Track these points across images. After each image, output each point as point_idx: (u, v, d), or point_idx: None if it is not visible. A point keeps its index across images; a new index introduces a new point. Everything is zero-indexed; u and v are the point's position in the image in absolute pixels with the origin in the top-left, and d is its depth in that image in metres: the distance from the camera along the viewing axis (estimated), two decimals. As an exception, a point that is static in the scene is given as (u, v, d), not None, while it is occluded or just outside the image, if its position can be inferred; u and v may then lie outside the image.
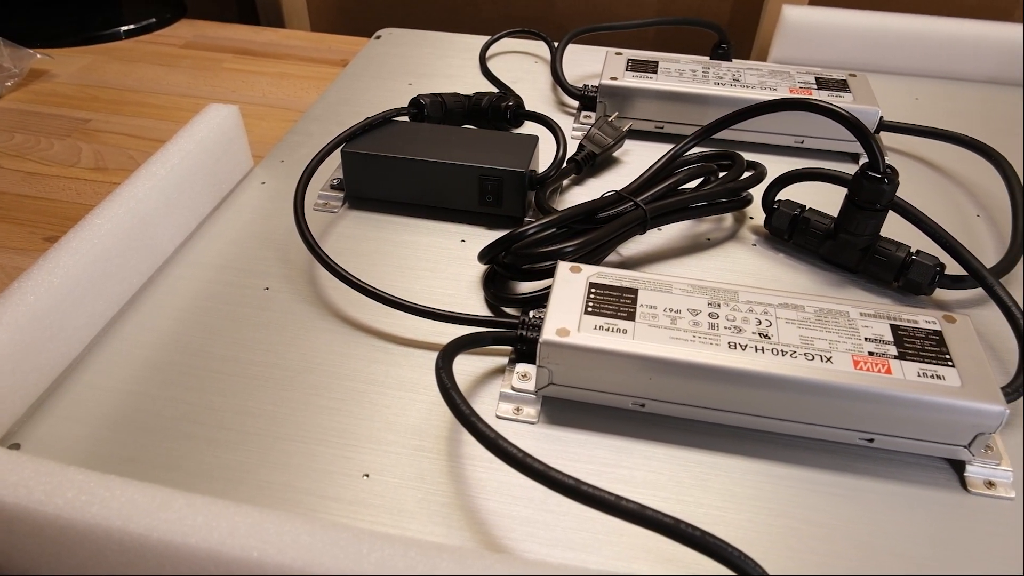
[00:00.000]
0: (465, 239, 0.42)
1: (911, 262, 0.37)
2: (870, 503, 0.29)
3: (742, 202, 0.42)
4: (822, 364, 0.29)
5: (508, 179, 0.41)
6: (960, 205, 0.46)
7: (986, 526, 0.28)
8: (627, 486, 0.29)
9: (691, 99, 0.48)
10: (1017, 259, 0.39)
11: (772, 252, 0.41)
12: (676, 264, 0.40)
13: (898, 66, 0.60)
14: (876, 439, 0.30)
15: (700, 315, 0.31)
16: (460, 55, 0.61)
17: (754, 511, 0.29)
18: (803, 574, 0.27)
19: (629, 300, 0.32)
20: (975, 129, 0.52)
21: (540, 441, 0.31)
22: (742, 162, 0.42)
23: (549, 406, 0.32)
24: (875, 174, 0.36)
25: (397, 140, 0.43)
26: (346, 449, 0.31)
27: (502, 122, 0.47)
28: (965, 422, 0.29)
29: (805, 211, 0.40)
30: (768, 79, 0.49)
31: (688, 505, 0.29)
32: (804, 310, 0.31)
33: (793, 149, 0.49)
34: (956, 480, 0.30)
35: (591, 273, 0.33)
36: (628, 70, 0.50)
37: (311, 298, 0.38)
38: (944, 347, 0.30)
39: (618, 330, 0.30)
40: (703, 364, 0.29)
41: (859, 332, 0.30)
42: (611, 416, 0.32)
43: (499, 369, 0.34)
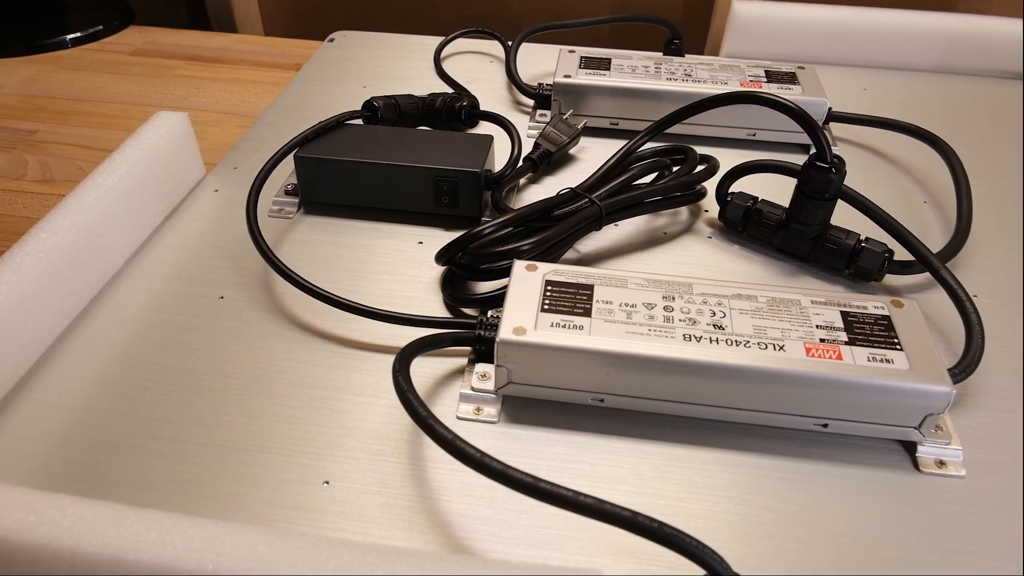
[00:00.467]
0: (423, 241, 0.41)
1: (860, 249, 0.38)
2: (826, 487, 0.30)
3: (696, 195, 0.42)
4: (775, 352, 0.29)
5: (463, 179, 0.41)
6: (908, 192, 0.47)
7: (938, 504, 0.29)
8: (588, 481, 0.29)
9: (644, 95, 0.48)
10: (962, 243, 0.40)
11: (727, 244, 0.42)
12: (634, 259, 0.41)
13: (847, 58, 0.61)
14: (830, 424, 0.30)
15: (655, 309, 0.31)
16: (415, 56, 0.61)
17: (713, 500, 0.29)
18: (760, 558, 0.27)
19: (585, 296, 0.32)
20: (921, 117, 0.53)
21: (501, 440, 0.31)
22: (695, 156, 0.42)
23: (509, 405, 0.32)
24: (823, 164, 0.37)
25: (351, 143, 0.43)
26: (306, 457, 0.30)
27: (457, 122, 0.47)
28: (914, 404, 0.29)
29: (758, 203, 0.41)
30: (719, 73, 0.50)
31: (649, 497, 0.29)
32: (757, 300, 0.32)
33: (746, 142, 0.50)
34: (908, 461, 0.31)
35: (547, 271, 0.33)
36: (581, 67, 0.50)
37: (267, 306, 0.37)
38: (893, 331, 0.31)
39: (574, 327, 0.30)
40: (659, 357, 0.29)
41: (811, 320, 0.31)
42: (571, 412, 0.32)
43: (460, 370, 0.34)
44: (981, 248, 0.42)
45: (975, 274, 0.40)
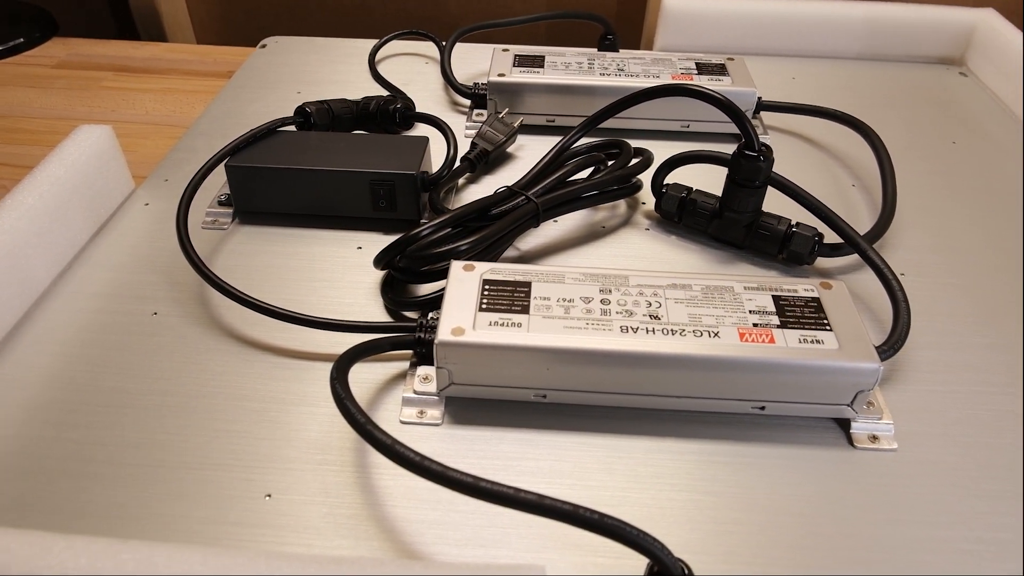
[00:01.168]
0: (362, 246, 0.41)
1: (792, 234, 0.39)
2: (765, 468, 0.30)
3: (632, 188, 0.43)
4: (710, 339, 0.30)
5: (400, 182, 0.40)
6: (837, 176, 0.48)
7: (873, 478, 0.30)
8: (534, 477, 0.30)
9: (578, 91, 0.48)
10: (887, 224, 0.41)
11: (664, 235, 0.42)
12: (574, 254, 0.41)
13: (776, 48, 0.63)
14: (767, 406, 0.31)
15: (592, 302, 0.31)
16: (349, 60, 0.60)
17: (657, 488, 0.29)
18: (703, 542, 0.27)
19: (523, 294, 0.32)
20: (847, 103, 0.55)
21: (446, 442, 0.31)
22: (629, 150, 0.43)
23: (453, 406, 0.32)
24: (751, 153, 0.37)
25: (284, 151, 0.42)
26: (246, 471, 0.30)
27: (391, 125, 0.47)
28: (845, 382, 0.30)
29: (692, 193, 0.41)
30: (651, 67, 0.50)
31: (594, 489, 0.29)
32: (692, 289, 0.32)
33: (680, 133, 0.51)
34: (844, 438, 0.32)
35: (484, 270, 0.33)
36: (515, 66, 0.50)
37: (203, 320, 0.36)
38: (822, 312, 0.31)
39: (513, 324, 0.30)
40: (597, 350, 0.30)
41: (744, 305, 0.32)
42: (514, 410, 0.32)
43: (403, 374, 0.34)
44: (907, 228, 0.43)
45: (902, 253, 0.42)
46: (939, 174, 0.48)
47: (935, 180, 0.48)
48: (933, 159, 0.50)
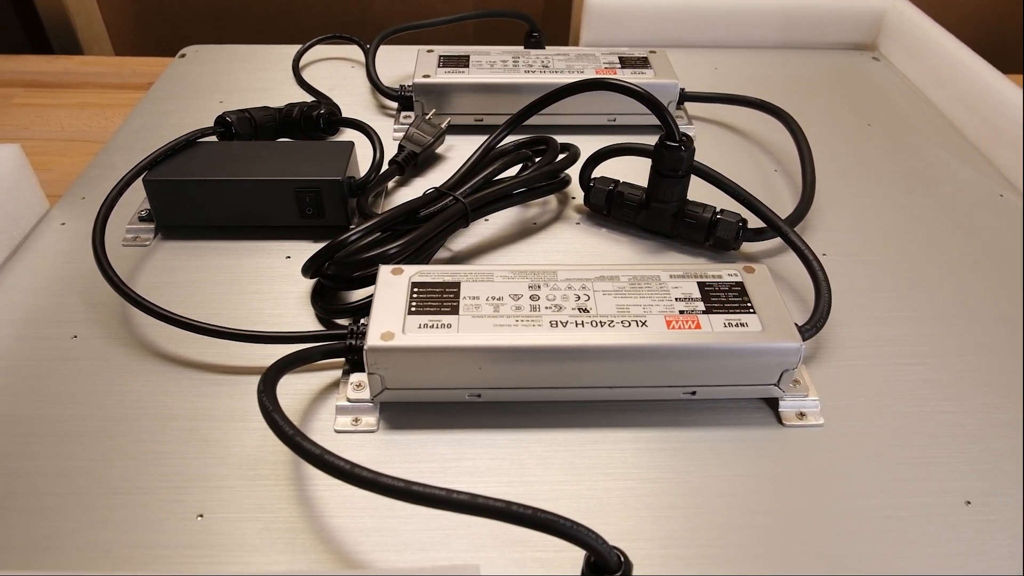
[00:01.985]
0: (290, 255, 0.40)
1: (716, 221, 0.40)
2: (699, 451, 0.31)
3: (561, 184, 0.43)
4: (638, 329, 0.30)
5: (326, 188, 0.40)
6: (760, 162, 0.49)
7: (801, 454, 0.31)
8: (471, 477, 0.30)
9: (503, 89, 0.49)
10: (808, 207, 0.42)
11: (595, 228, 0.43)
12: (506, 252, 0.41)
13: (699, 39, 0.64)
14: (697, 391, 0.32)
15: (522, 299, 0.32)
16: (273, 67, 0.59)
17: (594, 479, 0.30)
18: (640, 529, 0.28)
19: (452, 294, 0.32)
20: (768, 91, 0.56)
21: (382, 448, 0.31)
22: (556, 145, 0.43)
23: (388, 411, 0.32)
24: (672, 143, 0.38)
25: (205, 162, 0.41)
26: (177, 492, 0.29)
27: (316, 131, 0.46)
28: (769, 362, 0.31)
29: (619, 185, 0.42)
30: (575, 63, 0.51)
31: (532, 485, 0.29)
32: (619, 280, 0.33)
33: (608, 127, 0.51)
34: (773, 417, 0.32)
35: (413, 273, 0.33)
36: (440, 66, 0.50)
37: (126, 340, 0.35)
38: (746, 296, 0.32)
39: (443, 325, 0.30)
40: (527, 346, 0.30)
41: (670, 293, 0.32)
42: (450, 411, 0.32)
43: (337, 383, 0.33)
44: (827, 209, 0.45)
45: (823, 233, 0.43)
46: (856, 155, 0.50)
47: (853, 161, 0.49)
48: (851, 142, 0.51)
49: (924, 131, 0.53)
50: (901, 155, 0.50)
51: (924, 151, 0.51)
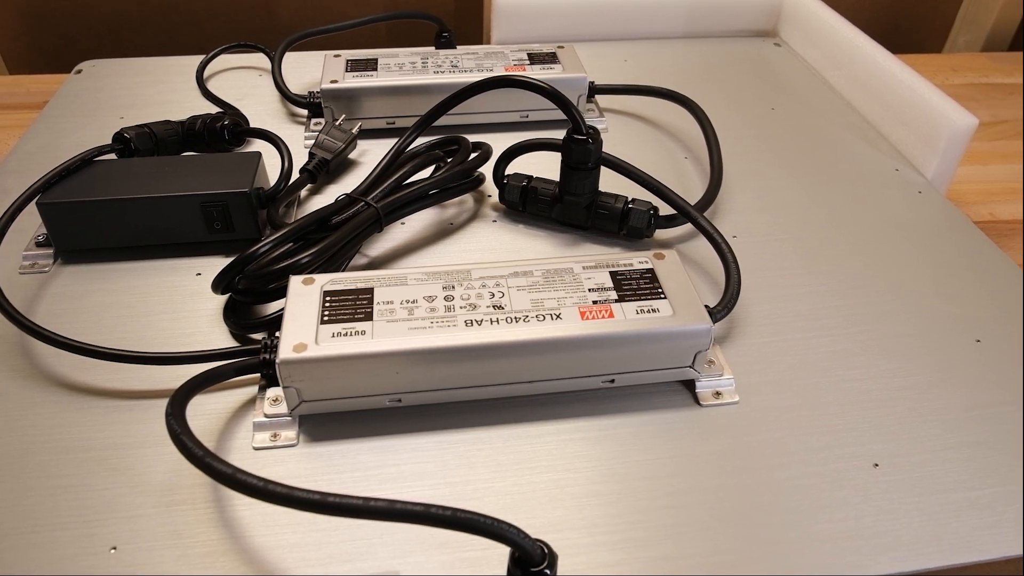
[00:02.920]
0: (201, 272, 0.39)
1: (628, 211, 0.40)
2: (620, 438, 0.31)
3: (475, 182, 0.43)
4: (553, 322, 0.31)
5: (233, 201, 0.39)
6: (671, 150, 0.50)
7: (719, 432, 0.32)
8: (395, 483, 0.29)
9: (413, 91, 0.48)
10: (716, 191, 0.44)
11: (511, 225, 0.43)
12: (425, 254, 0.41)
13: (608, 33, 0.65)
14: (616, 379, 0.32)
15: (436, 300, 0.31)
16: (176, 79, 0.57)
17: (519, 474, 0.30)
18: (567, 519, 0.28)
19: (365, 300, 0.31)
20: (676, 80, 0.58)
21: (303, 462, 0.30)
22: (467, 145, 0.43)
23: (308, 424, 0.31)
24: (579, 136, 0.39)
25: (104, 181, 0.39)
26: (88, 526, 0.28)
27: (222, 143, 0.45)
28: (682, 345, 0.32)
29: (532, 181, 0.42)
30: (484, 61, 0.51)
31: (456, 486, 0.29)
32: (533, 275, 0.33)
33: (520, 124, 0.51)
34: (691, 398, 0.33)
35: (325, 281, 0.32)
36: (348, 71, 0.49)
37: (27, 372, 0.34)
38: (657, 282, 0.33)
39: (357, 332, 0.30)
40: (443, 347, 0.30)
41: (583, 285, 0.33)
42: (372, 418, 0.32)
43: (255, 400, 0.32)
44: (736, 192, 0.46)
45: (733, 216, 0.44)
46: (762, 139, 0.52)
47: (759, 145, 0.51)
48: (756, 126, 0.53)
49: (824, 112, 0.55)
50: (803, 136, 0.52)
51: (825, 131, 0.53)
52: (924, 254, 0.42)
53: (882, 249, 0.42)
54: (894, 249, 0.42)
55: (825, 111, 0.55)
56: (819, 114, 0.55)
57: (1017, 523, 0.29)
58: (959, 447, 0.32)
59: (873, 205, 0.45)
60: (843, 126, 0.53)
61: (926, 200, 0.46)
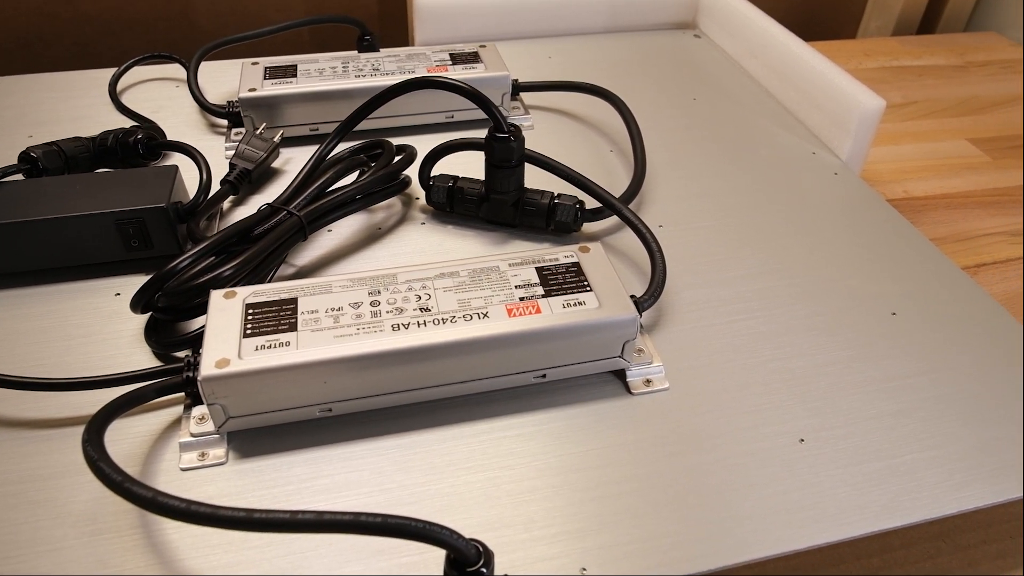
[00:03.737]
0: (120, 292, 0.38)
1: (555, 206, 0.41)
2: (554, 432, 0.31)
3: (400, 185, 0.43)
4: (480, 321, 0.31)
5: (150, 217, 0.38)
6: (596, 145, 0.51)
7: (651, 419, 0.32)
8: (329, 494, 0.29)
9: (334, 96, 0.48)
10: (640, 183, 0.44)
11: (440, 226, 0.43)
12: (353, 260, 0.41)
13: (532, 30, 0.65)
14: (548, 373, 0.33)
15: (362, 307, 0.31)
16: (89, 94, 0.55)
17: (455, 475, 0.30)
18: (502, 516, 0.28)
19: (289, 311, 0.31)
20: (600, 75, 0.58)
21: (233, 479, 0.29)
22: (391, 148, 0.43)
23: (237, 440, 0.31)
24: (501, 134, 0.39)
25: (10, 203, 0.38)
26: (9, 562, 0.27)
27: (136, 158, 0.44)
28: (610, 335, 0.32)
29: (459, 181, 0.42)
30: (406, 63, 0.51)
31: (392, 491, 0.29)
32: (459, 275, 0.33)
33: (446, 124, 0.51)
34: (622, 387, 0.34)
35: (247, 294, 0.32)
36: (267, 78, 0.48)
37: (-65, 407, 0.32)
38: (582, 275, 0.33)
39: (281, 344, 0.29)
40: (370, 353, 0.29)
41: (510, 282, 0.33)
42: (302, 430, 0.31)
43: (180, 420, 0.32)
44: (661, 182, 0.47)
45: (659, 205, 0.45)
46: (685, 129, 0.53)
47: (682, 135, 0.52)
48: (679, 117, 0.54)
49: (743, 101, 0.56)
50: (724, 125, 0.53)
51: (745, 119, 0.54)
52: (841, 233, 0.43)
53: (801, 230, 0.43)
54: (813, 230, 0.43)
55: (744, 99, 0.56)
56: (739, 102, 0.56)
57: (935, 486, 0.30)
58: (880, 417, 0.33)
59: (792, 188, 0.47)
60: (762, 113, 0.55)
61: (842, 181, 0.48)
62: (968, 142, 0.63)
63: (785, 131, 0.53)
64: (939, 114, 0.67)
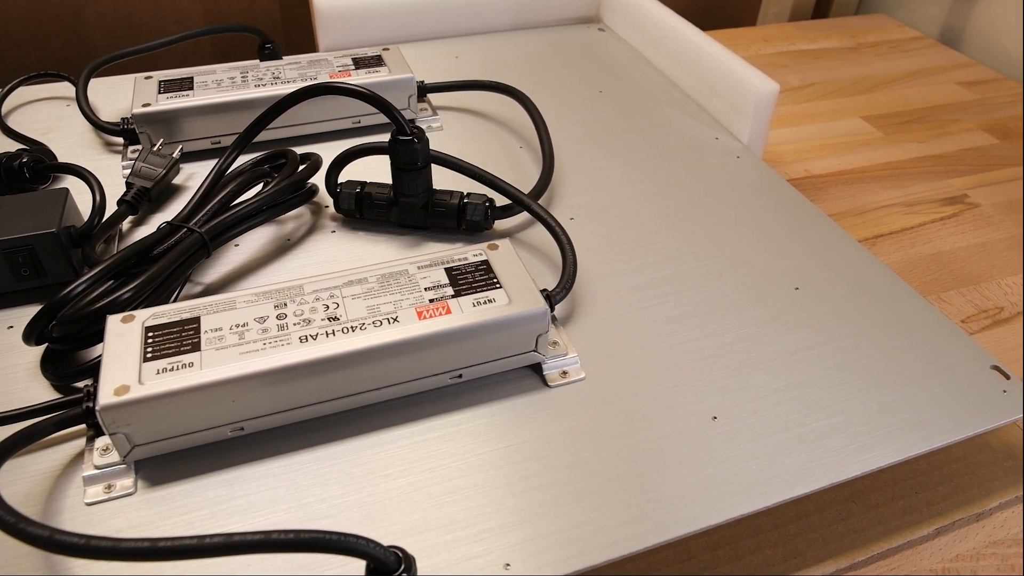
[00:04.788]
0: (12, 324, 0.36)
1: (464, 205, 0.41)
2: (474, 431, 0.32)
3: (307, 194, 0.42)
4: (390, 327, 0.30)
5: (40, 244, 0.36)
6: (506, 142, 0.51)
7: (569, 409, 0.33)
8: (246, 515, 0.28)
9: (234, 107, 0.46)
10: (550, 177, 0.45)
11: (351, 233, 0.42)
12: (263, 274, 0.40)
13: (439, 31, 0.65)
14: (463, 373, 0.33)
15: (268, 321, 0.31)
16: (-29, 118, 0.52)
17: (375, 483, 0.29)
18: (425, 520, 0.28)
19: (191, 331, 0.30)
20: (508, 72, 0.59)
21: (143, 509, 0.28)
22: (295, 157, 0.42)
23: (146, 468, 0.30)
24: (404, 137, 0.38)
25: None
26: None
27: (23, 183, 0.42)
28: (522, 330, 0.32)
29: (366, 186, 0.42)
30: (308, 70, 0.50)
31: (310, 506, 0.29)
32: (368, 281, 0.33)
33: (353, 130, 0.51)
34: (540, 381, 0.34)
35: (146, 317, 0.31)
36: (161, 92, 0.47)
37: None
38: (492, 273, 0.33)
39: (184, 366, 0.29)
40: (277, 368, 0.29)
41: (419, 285, 0.33)
42: (214, 452, 0.30)
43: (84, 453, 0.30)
44: (571, 175, 0.48)
45: (569, 199, 0.46)
46: (592, 122, 0.53)
47: (590, 128, 0.53)
48: (585, 110, 0.55)
49: (648, 91, 0.58)
50: (631, 115, 0.54)
51: (650, 109, 0.55)
52: (744, 214, 0.45)
53: (707, 214, 0.44)
54: (717, 213, 0.45)
55: (649, 90, 0.58)
56: (644, 93, 0.57)
57: (840, 450, 0.31)
58: (787, 389, 0.34)
59: (697, 173, 0.48)
60: (666, 102, 0.56)
61: (744, 164, 0.49)
62: (862, 119, 0.66)
63: (689, 118, 0.54)
64: (835, 95, 0.70)
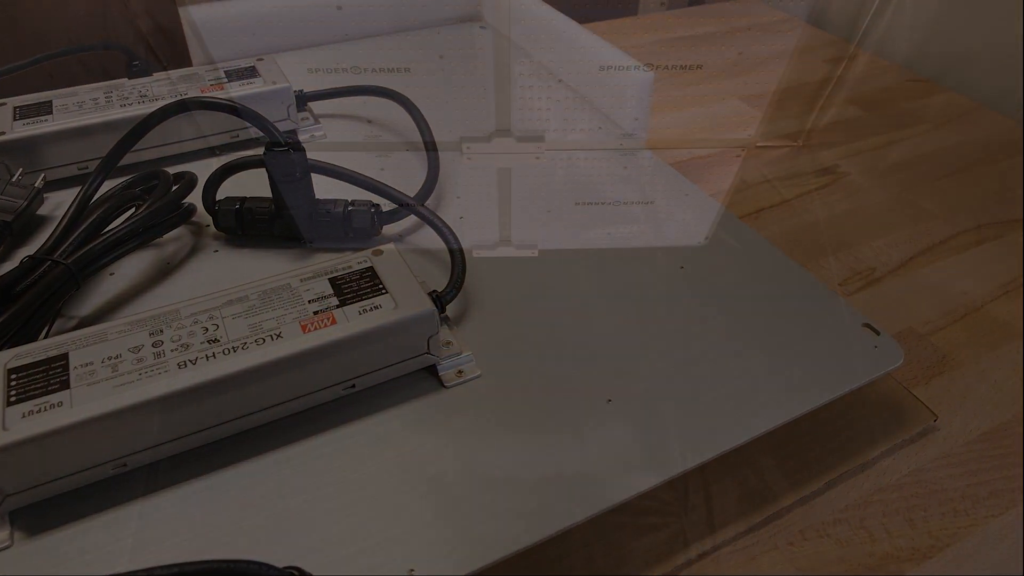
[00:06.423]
0: None
1: (349, 213, 0.40)
2: (370, 439, 0.31)
3: (184, 215, 0.41)
4: (273, 343, 0.30)
5: None
6: (391, 146, 0.51)
7: (467, 407, 0.33)
8: (135, 555, 0.27)
9: (96, 130, 0.44)
10: (436, 178, 0.45)
11: (235, 251, 0.41)
12: (143, 301, 0.38)
13: (319, 38, 0.64)
14: (356, 383, 0.32)
15: (143, 350, 0.29)
16: None
17: (271, 505, 0.29)
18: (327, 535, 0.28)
19: (59, 368, 0.28)
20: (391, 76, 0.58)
21: (20, 562, 0.27)
22: (167, 177, 0.40)
23: (23, 517, 0.28)
24: (279, 148, 0.38)
25: None
26: None
27: None
28: (411, 333, 0.32)
29: (246, 202, 0.41)
30: (178, 86, 0.48)
31: (204, 535, 0.28)
32: (249, 299, 0.32)
33: (232, 144, 0.49)
34: (436, 382, 0.34)
35: (7, 359, 0.29)
36: (17, 119, 0.44)
37: None
38: (377, 279, 0.33)
39: (52, 406, 0.27)
40: (155, 398, 0.28)
41: (303, 297, 0.32)
42: (96, 492, 0.29)
43: (-48, 509, 0.28)
44: (459, 175, 0.48)
45: (458, 199, 0.46)
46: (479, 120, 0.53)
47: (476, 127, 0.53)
48: (472, 107, 0.55)
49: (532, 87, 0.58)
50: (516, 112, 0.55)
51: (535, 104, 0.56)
52: (630, 200, 0.46)
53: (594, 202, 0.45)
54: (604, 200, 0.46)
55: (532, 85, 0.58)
56: (527, 89, 0.58)
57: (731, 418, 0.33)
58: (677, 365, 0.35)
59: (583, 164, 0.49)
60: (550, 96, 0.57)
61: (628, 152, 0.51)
62: (740, 100, 0.69)
63: (572, 111, 0.55)
64: (713, 78, 0.73)
